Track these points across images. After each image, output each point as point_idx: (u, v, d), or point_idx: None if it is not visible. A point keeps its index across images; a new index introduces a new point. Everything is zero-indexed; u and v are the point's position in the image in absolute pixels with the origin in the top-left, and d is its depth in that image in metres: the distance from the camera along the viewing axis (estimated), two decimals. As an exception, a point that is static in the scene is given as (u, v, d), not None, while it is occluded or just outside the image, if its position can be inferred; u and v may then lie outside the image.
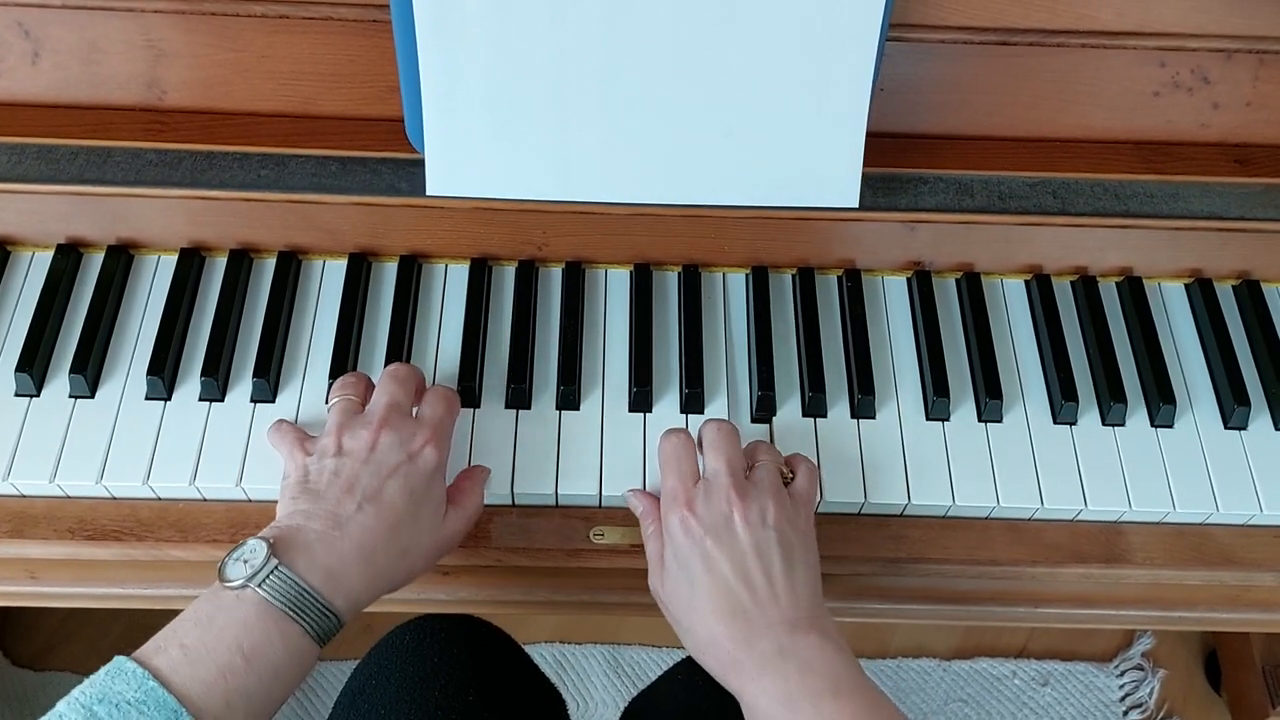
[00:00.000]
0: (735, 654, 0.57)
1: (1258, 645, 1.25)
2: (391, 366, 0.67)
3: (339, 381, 0.67)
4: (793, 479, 0.65)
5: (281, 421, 0.68)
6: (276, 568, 0.55)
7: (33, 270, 0.75)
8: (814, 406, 0.72)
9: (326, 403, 0.70)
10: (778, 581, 0.59)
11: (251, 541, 0.57)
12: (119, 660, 0.52)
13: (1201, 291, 0.79)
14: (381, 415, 0.62)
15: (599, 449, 0.70)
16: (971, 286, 0.78)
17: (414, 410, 0.66)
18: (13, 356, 0.71)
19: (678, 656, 0.81)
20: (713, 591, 0.59)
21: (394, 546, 0.60)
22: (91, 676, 0.52)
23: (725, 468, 0.62)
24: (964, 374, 0.75)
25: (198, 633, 0.54)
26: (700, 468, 0.64)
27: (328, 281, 0.76)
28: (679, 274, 0.78)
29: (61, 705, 0.51)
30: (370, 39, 0.71)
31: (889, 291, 0.79)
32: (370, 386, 0.67)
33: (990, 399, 0.72)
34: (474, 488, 0.66)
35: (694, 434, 0.67)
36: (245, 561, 0.56)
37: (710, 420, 0.66)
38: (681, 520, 0.61)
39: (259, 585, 0.55)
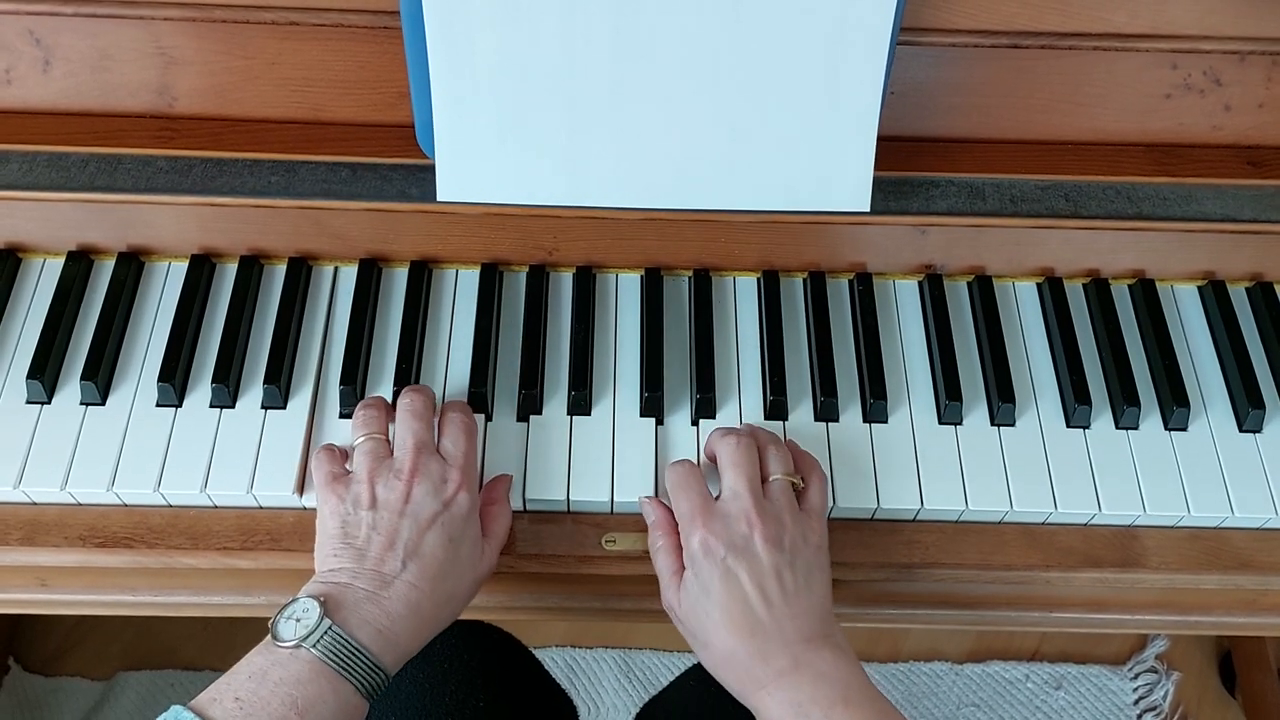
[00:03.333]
0: (753, 669, 0.58)
1: (1273, 647, 1.24)
2: (406, 399, 0.66)
3: (360, 416, 0.66)
4: (805, 491, 0.65)
5: (322, 450, 0.66)
6: (330, 629, 0.56)
7: (44, 277, 0.76)
8: (826, 411, 0.72)
9: (344, 407, 0.70)
10: (794, 600, 0.60)
11: (303, 600, 0.57)
12: (176, 710, 0.53)
13: (1215, 294, 0.78)
14: (412, 464, 0.62)
15: (610, 454, 0.70)
16: (983, 290, 0.78)
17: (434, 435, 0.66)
18: (24, 363, 0.71)
19: (689, 661, 0.81)
20: (732, 609, 0.59)
21: (439, 596, 0.60)
22: None
23: (745, 487, 0.62)
24: (976, 378, 0.75)
25: (252, 686, 0.54)
26: (713, 485, 0.64)
27: (339, 287, 0.76)
28: (690, 278, 0.78)
29: None
30: (380, 45, 0.71)
31: (900, 295, 0.78)
32: (388, 410, 0.67)
33: (1003, 403, 0.72)
34: (502, 510, 0.66)
35: (705, 439, 0.66)
36: (298, 620, 0.56)
37: (728, 433, 0.66)
38: (702, 541, 0.61)
39: (313, 646, 0.55)
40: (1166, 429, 0.73)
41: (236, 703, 0.54)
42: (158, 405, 0.70)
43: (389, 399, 0.69)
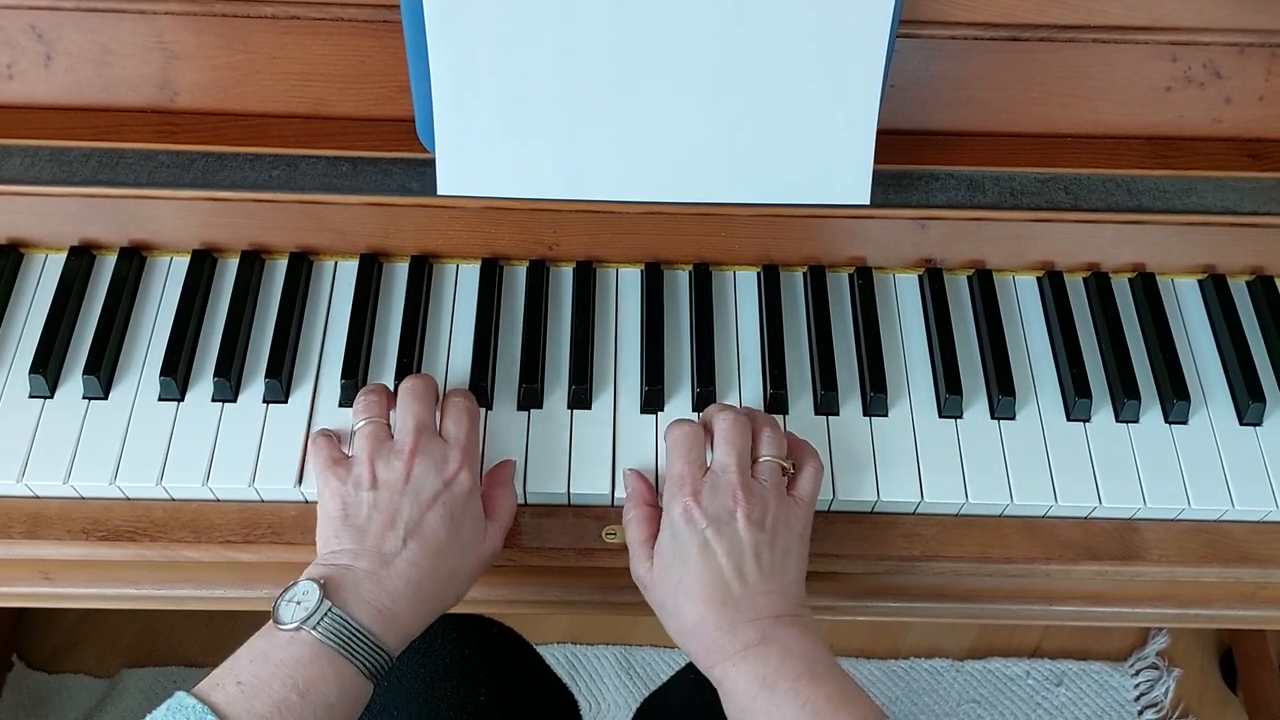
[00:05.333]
0: (720, 640, 0.58)
1: (1274, 643, 1.24)
2: (408, 383, 0.66)
3: (361, 401, 0.66)
4: (796, 476, 0.65)
5: (319, 435, 0.67)
6: (330, 610, 0.56)
7: (46, 272, 0.76)
8: (826, 405, 0.72)
9: (345, 401, 0.70)
10: (769, 578, 0.60)
11: (303, 583, 0.57)
12: (179, 695, 0.53)
13: (1215, 287, 0.78)
14: (412, 443, 0.62)
15: (611, 448, 0.70)
16: (983, 283, 0.78)
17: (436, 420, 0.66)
18: (26, 358, 0.71)
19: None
20: (705, 578, 0.59)
21: (440, 574, 0.60)
22: (153, 712, 0.52)
23: (735, 463, 0.63)
24: (976, 371, 0.75)
25: (254, 669, 0.55)
26: (708, 457, 0.64)
27: (339, 282, 0.77)
28: (690, 273, 0.78)
29: None
30: (380, 39, 0.71)
31: (900, 289, 0.78)
32: (389, 396, 0.67)
33: (1003, 396, 0.72)
34: (505, 494, 0.67)
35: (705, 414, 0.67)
36: (298, 603, 0.56)
37: (724, 409, 0.66)
38: (685, 508, 0.61)
39: (313, 628, 0.56)
40: (1167, 422, 0.73)
41: (239, 686, 0.54)
42: (160, 399, 0.71)
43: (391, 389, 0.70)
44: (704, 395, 0.71)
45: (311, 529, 0.64)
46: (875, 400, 0.72)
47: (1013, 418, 0.73)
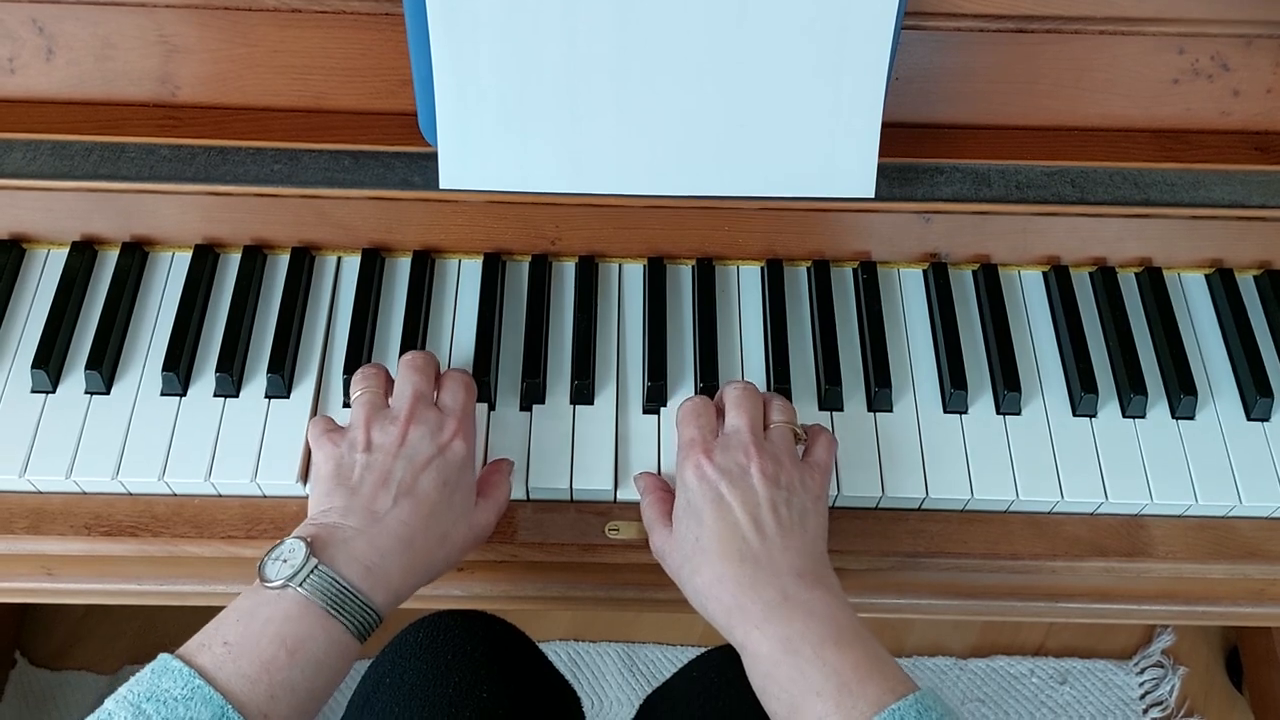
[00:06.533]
0: (740, 598, 0.57)
1: (1280, 642, 1.23)
2: (409, 355, 0.67)
3: (359, 374, 0.66)
4: (809, 447, 0.65)
5: (319, 416, 0.68)
6: (316, 567, 0.56)
7: (48, 268, 0.76)
8: (830, 400, 0.72)
9: (348, 396, 0.70)
10: (788, 533, 0.59)
11: (290, 541, 0.57)
12: (164, 658, 0.52)
13: (1222, 281, 0.78)
14: (409, 409, 0.63)
15: (613, 443, 0.70)
16: (989, 278, 0.77)
17: (434, 396, 0.66)
18: (29, 353, 0.71)
19: (692, 654, 0.80)
20: (722, 534, 0.59)
21: (432, 534, 0.60)
22: (137, 674, 0.52)
23: (746, 424, 0.63)
24: (981, 366, 0.74)
25: (240, 628, 0.54)
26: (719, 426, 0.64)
27: (342, 277, 0.76)
28: (693, 267, 0.77)
29: (110, 703, 0.51)
30: (382, 32, 0.71)
31: (905, 284, 0.78)
32: (389, 378, 0.67)
33: (1008, 391, 0.72)
34: (501, 480, 0.67)
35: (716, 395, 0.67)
36: (284, 561, 0.56)
37: (734, 380, 0.67)
38: (697, 466, 0.61)
39: (299, 585, 0.55)
40: (1174, 417, 0.73)
41: (225, 646, 0.53)
42: (162, 394, 0.70)
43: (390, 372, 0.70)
44: (707, 390, 0.71)
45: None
46: (880, 396, 0.72)
47: (1018, 413, 0.72)
